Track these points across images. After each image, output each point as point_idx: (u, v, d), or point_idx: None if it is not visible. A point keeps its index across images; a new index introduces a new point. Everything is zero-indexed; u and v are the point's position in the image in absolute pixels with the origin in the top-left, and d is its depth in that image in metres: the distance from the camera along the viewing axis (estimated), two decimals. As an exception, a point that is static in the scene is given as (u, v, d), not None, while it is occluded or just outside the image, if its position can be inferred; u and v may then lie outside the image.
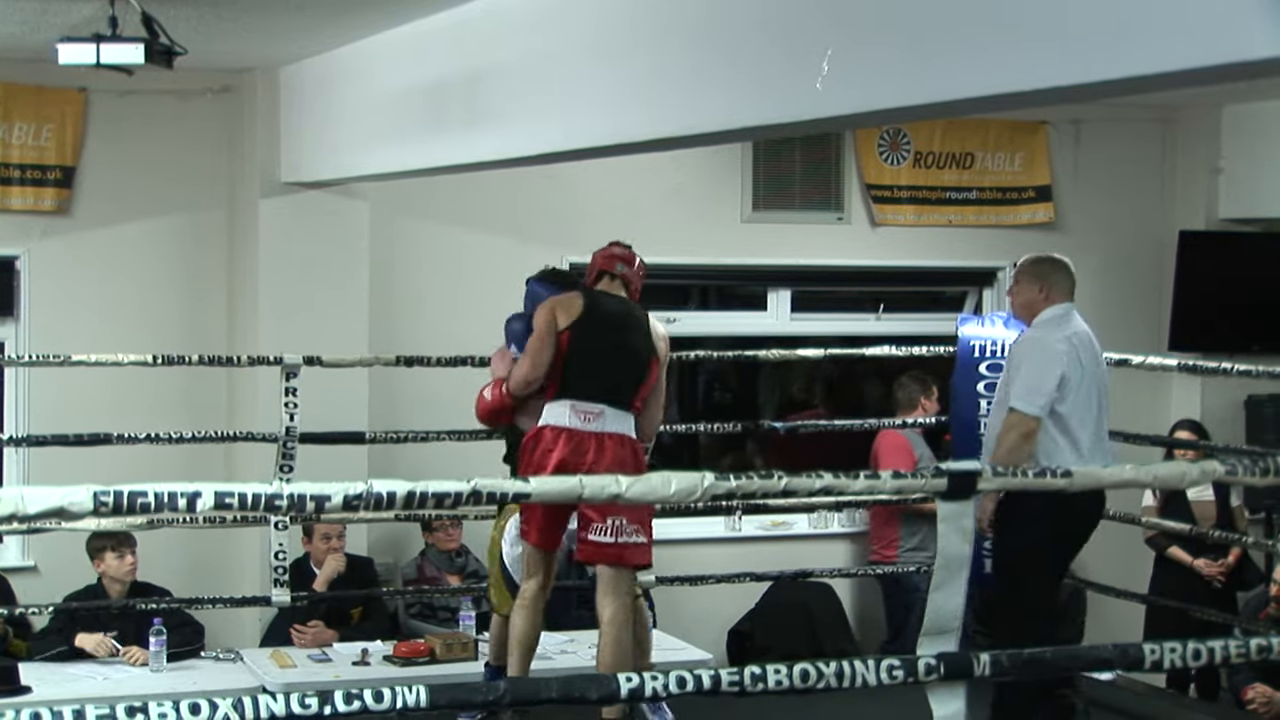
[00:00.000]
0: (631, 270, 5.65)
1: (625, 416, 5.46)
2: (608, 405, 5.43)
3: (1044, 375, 5.49)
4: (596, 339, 5.51)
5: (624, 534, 5.44)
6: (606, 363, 5.50)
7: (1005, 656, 2.52)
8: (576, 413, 5.42)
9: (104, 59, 5.32)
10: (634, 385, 5.51)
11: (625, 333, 5.55)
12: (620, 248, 5.72)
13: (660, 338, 5.60)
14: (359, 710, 2.39)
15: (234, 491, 2.35)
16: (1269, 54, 2.78)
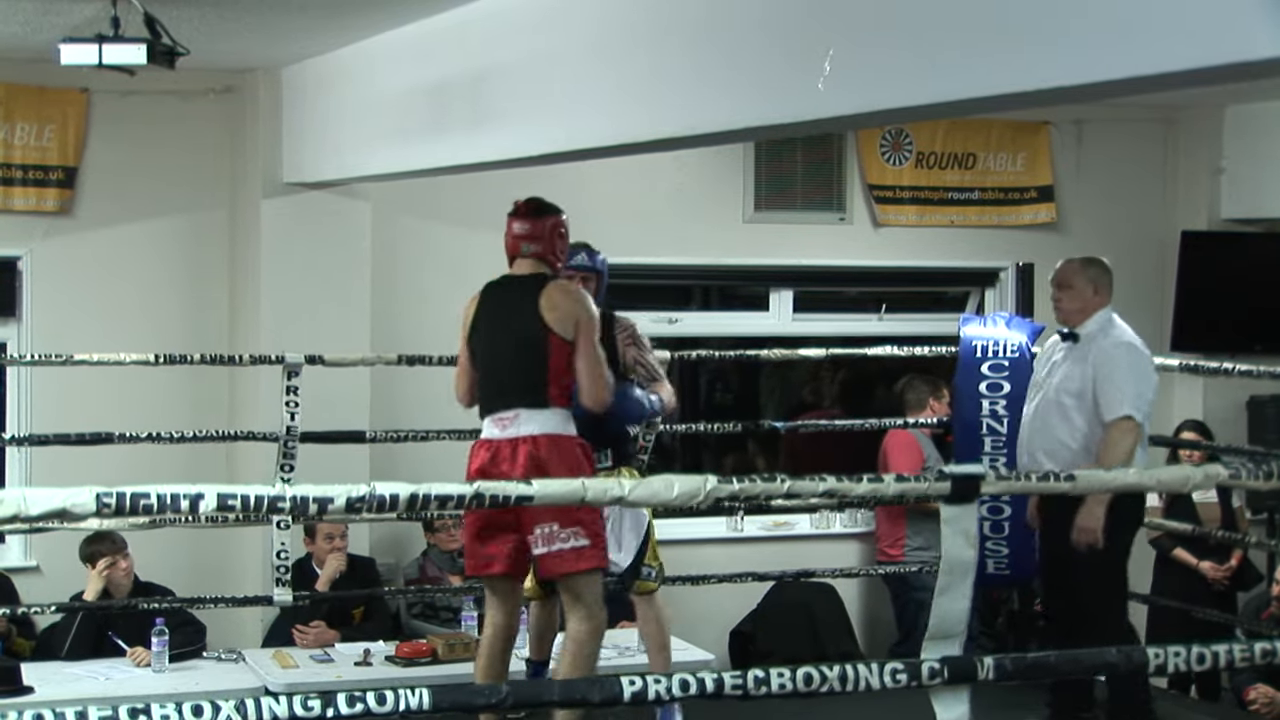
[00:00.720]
0: (542, 241, 5.25)
1: (545, 414, 5.09)
2: (521, 407, 5.11)
3: (1146, 380, 5.50)
4: (487, 340, 5.26)
5: (556, 541, 5.09)
6: (499, 363, 5.22)
7: (1009, 660, 2.52)
8: (495, 423, 5.17)
9: (106, 59, 5.32)
10: (537, 374, 5.10)
11: (509, 322, 5.20)
12: (521, 216, 5.29)
13: (555, 306, 5.12)
14: (362, 712, 2.39)
15: (236, 493, 2.36)
16: (1271, 54, 2.78)
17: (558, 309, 5.13)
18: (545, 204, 5.38)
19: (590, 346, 5.15)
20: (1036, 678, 2.87)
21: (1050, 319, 7.29)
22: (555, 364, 5.13)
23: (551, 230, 5.30)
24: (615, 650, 6.62)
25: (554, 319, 5.13)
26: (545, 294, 5.15)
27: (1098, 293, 5.66)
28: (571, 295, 5.19)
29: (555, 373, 5.14)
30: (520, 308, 5.17)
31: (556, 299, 5.15)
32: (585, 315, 5.16)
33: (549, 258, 5.29)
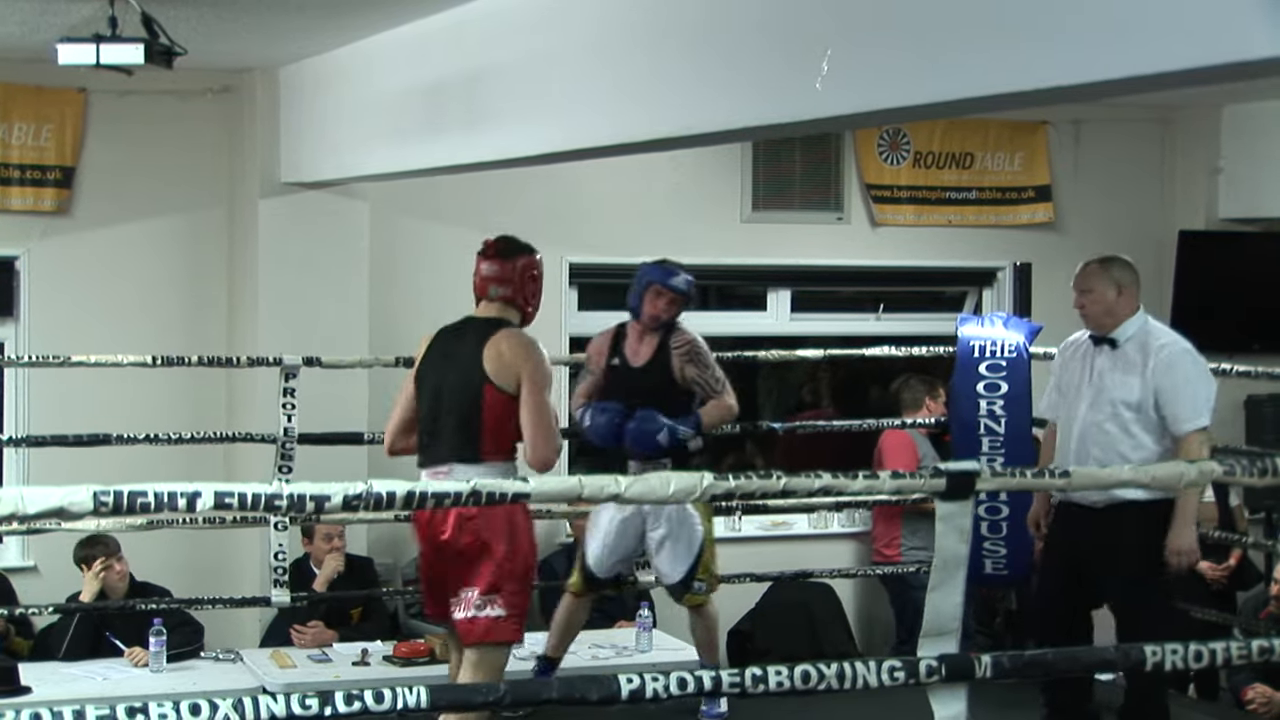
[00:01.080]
0: (511, 284, 4.97)
1: (479, 469, 4.76)
2: (455, 462, 4.84)
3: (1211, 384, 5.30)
4: (429, 386, 4.98)
5: (473, 606, 4.82)
6: (437, 412, 4.93)
7: (1006, 658, 2.52)
8: (430, 476, 4.88)
9: (104, 59, 5.31)
10: (471, 428, 4.82)
11: (451, 369, 4.91)
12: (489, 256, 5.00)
13: (499, 355, 4.83)
14: (359, 711, 2.40)
15: (234, 491, 2.35)
16: (1268, 54, 2.78)
17: (500, 359, 4.83)
18: (517, 243, 5.08)
19: (534, 400, 4.80)
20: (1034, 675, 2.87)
21: (1048, 318, 7.32)
22: (490, 417, 4.82)
23: (522, 272, 4.99)
24: (613, 650, 6.63)
25: (494, 369, 4.83)
26: (491, 342, 4.85)
27: (1122, 293, 5.36)
28: (517, 346, 4.85)
29: (491, 427, 4.82)
30: (464, 355, 4.88)
31: (501, 348, 4.84)
32: (531, 366, 4.82)
33: (518, 301, 5.00)
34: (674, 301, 5.76)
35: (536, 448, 4.79)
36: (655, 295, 5.75)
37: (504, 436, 4.87)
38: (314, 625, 6.67)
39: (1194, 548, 5.23)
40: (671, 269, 5.80)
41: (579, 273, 8.07)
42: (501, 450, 4.87)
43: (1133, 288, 5.39)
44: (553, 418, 4.88)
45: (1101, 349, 5.39)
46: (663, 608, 7.26)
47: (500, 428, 4.84)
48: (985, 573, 6.80)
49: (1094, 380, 5.37)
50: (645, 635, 6.64)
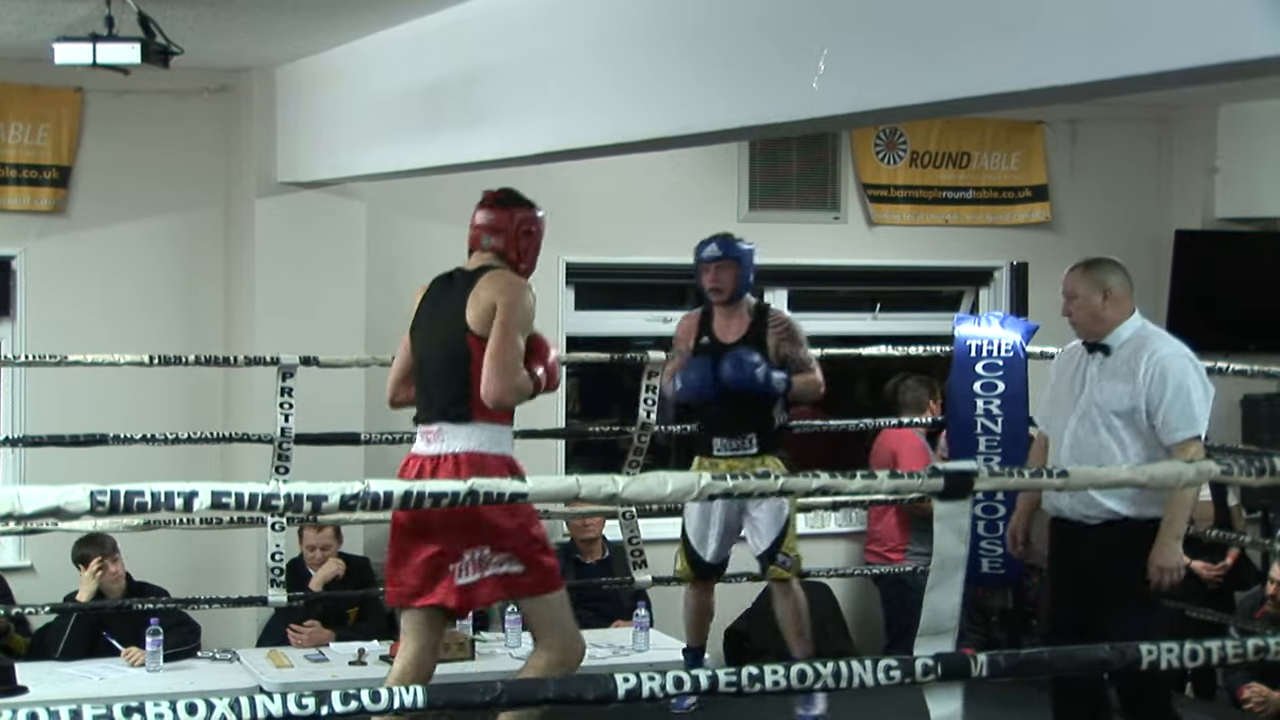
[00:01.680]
0: (504, 234, 4.74)
1: (468, 429, 4.59)
2: (443, 421, 4.63)
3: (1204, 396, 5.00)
4: (420, 342, 4.79)
5: (489, 566, 4.62)
6: (426, 369, 4.74)
7: (1002, 657, 2.52)
8: (421, 436, 4.73)
9: (100, 59, 5.31)
10: (459, 384, 4.59)
11: (438, 322, 4.71)
12: (486, 205, 4.80)
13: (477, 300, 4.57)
14: (356, 710, 2.39)
15: (231, 491, 2.35)
16: (1265, 53, 2.78)
17: (479, 303, 4.57)
18: (517, 195, 4.86)
19: (503, 333, 4.53)
20: (1029, 674, 2.87)
21: (1045, 317, 7.32)
22: (477, 372, 4.57)
23: (519, 225, 4.77)
24: (610, 649, 6.63)
25: (475, 316, 4.58)
26: (475, 287, 4.60)
27: (1109, 297, 5.11)
28: (496, 283, 4.59)
29: (479, 383, 4.57)
30: (450, 306, 4.65)
31: (481, 293, 4.58)
32: (505, 301, 4.55)
33: (510, 255, 4.76)
34: (719, 269, 5.86)
35: (489, 380, 4.51)
36: (701, 272, 5.91)
37: None
38: (310, 625, 6.67)
39: (1178, 564, 4.97)
40: (706, 241, 5.92)
41: (576, 272, 8.07)
42: (494, 411, 4.60)
43: (1122, 291, 5.14)
44: (517, 356, 4.56)
45: (1095, 356, 5.18)
46: (659, 607, 7.26)
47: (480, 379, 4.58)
48: (982, 572, 6.81)
49: (1085, 388, 5.15)
50: (642, 635, 6.64)
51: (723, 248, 5.86)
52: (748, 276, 5.91)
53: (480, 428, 4.62)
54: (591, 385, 8.63)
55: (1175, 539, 4.96)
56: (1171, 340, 5.19)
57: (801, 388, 5.86)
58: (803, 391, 5.87)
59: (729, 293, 5.87)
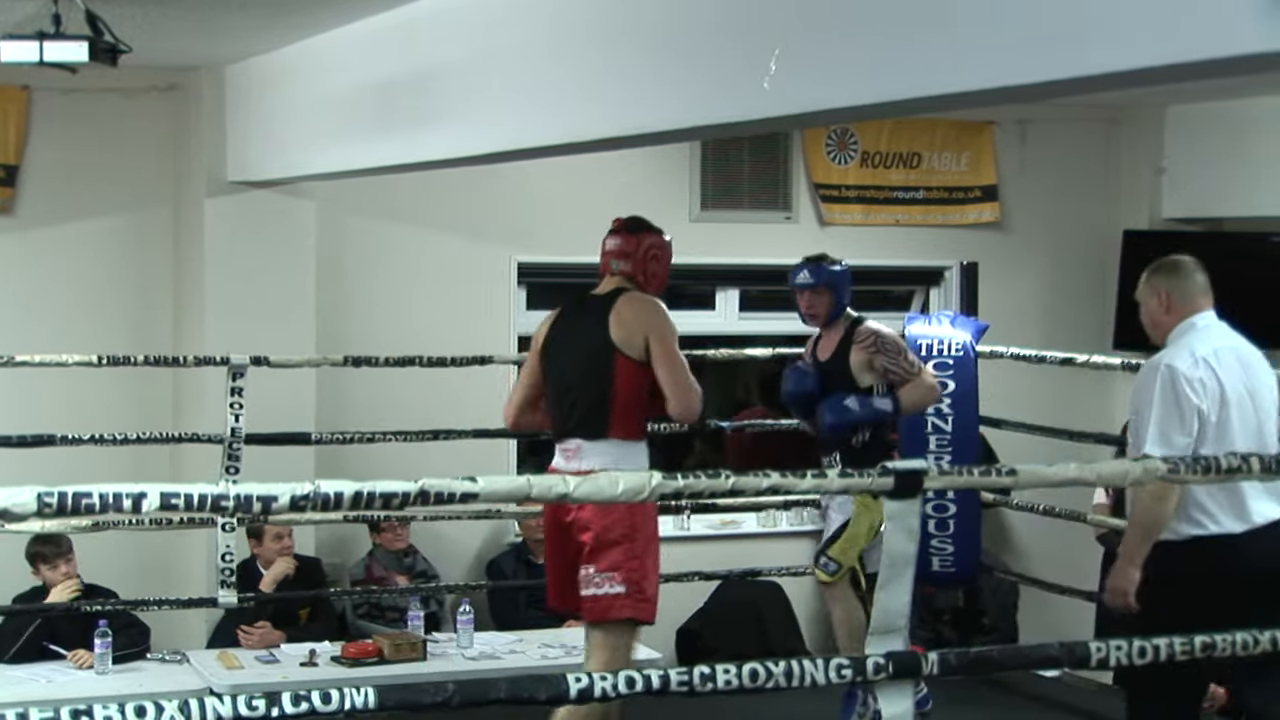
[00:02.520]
0: (633, 259, 5.00)
1: (605, 446, 4.78)
2: (581, 438, 4.82)
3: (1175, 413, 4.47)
4: (555, 362, 4.96)
5: (593, 584, 4.77)
6: (564, 387, 4.91)
7: (953, 655, 2.54)
8: (561, 452, 4.92)
9: (47, 57, 5.26)
10: (599, 403, 4.78)
11: (577, 343, 4.90)
12: (616, 233, 5.08)
13: (622, 321, 4.81)
14: (307, 711, 2.38)
15: (180, 492, 2.34)
16: (1212, 55, 2.80)
17: (624, 325, 4.80)
18: (644, 222, 5.17)
19: (668, 356, 4.79)
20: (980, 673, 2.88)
21: (994, 317, 7.37)
22: (622, 391, 4.79)
23: (646, 250, 5.03)
24: (563, 649, 6.63)
25: (621, 336, 4.80)
26: (614, 311, 4.83)
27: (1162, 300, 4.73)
28: (639, 306, 4.85)
29: (622, 401, 4.79)
30: (589, 328, 4.85)
31: (624, 314, 4.81)
32: (656, 323, 4.81)
33: (638, 278, 5.00)
34: (814, 294, 5.81)
35: (677, 398, 4.79)
36: (798, 297, 5.88)
37: (634, 412, 4.83)
38: (261, 626, 6.64)
39: (1126, 589, 4.58)
40: (800, 265, 5.87)
41: (528, 272, 8.07)
42: (630, 428, 4.81)
43: (1178, 293, 4.70)
44: (688, 371, 4.86)
45: None
46: (612, 607, 7.26)
47: (631, 402, 4.80)
48: (932, 570, 6.83)
49: None
50: (594, 634, 6.63)
51: (814, 274, 5.81)
52: (842, 298, 5.84)
53: (616, 444, 4.80)
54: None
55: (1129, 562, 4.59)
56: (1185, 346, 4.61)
57: (911, 399, 5.66)
58: (913, 402, 5.69)
59: (823, 317, 5.85)
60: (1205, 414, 4.48)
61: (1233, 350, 4.61)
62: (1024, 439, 7.18)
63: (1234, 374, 4.56)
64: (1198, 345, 4.58)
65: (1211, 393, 4.50)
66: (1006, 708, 6.32)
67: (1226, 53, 2.78)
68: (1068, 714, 6.34)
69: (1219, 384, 4.52)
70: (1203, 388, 4.49)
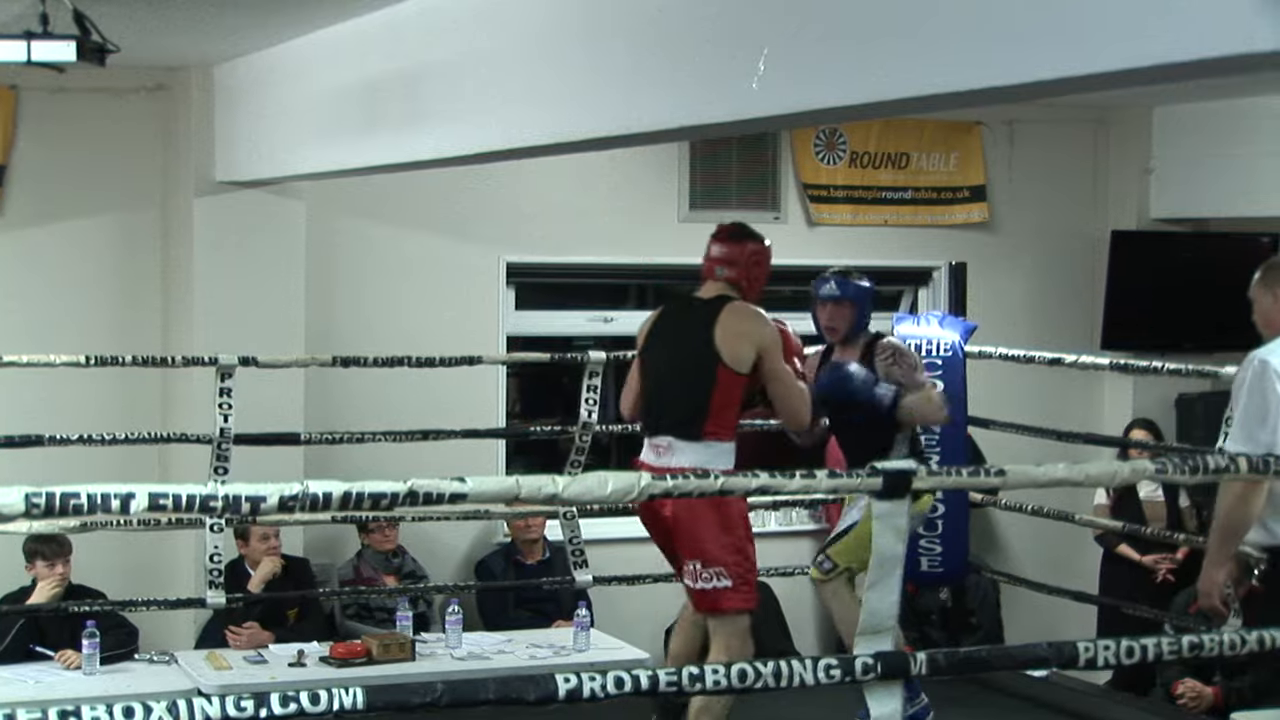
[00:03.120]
0: (737, 266, 5.15)
1: (697, 447, 4.93)
2: (674, 437, 4.97)
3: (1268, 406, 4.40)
4: (655, 359, 5.15)
5: (700, 579, 4.98)
6: (661, 385, 5.09)
7: (941, 655, 2.54)
8: (651, 447, 5.08)
9: (35, 56, 5.25)
10: (696, 405, 4.94)
11: (680, 344, 5.06)
12: (720, 239, 5.21)
13: (731, 333, 4.97)
14: (295, 712, 2.38)
15: (168, 493, 2.33)
16: (1201, 55, 2.81)
17: (731, 337, 4.96)
18: (748, 230, 5.30)
19: (778, 368, 5.01)
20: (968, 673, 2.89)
21: (982, 317, 7.38)
22: (720, 397, 4.95)
23: (750, 257, 5.18)
24: (551, 650, 6.63)
25: (727, 348, 4.96)
26: (720, 321, 4.98)
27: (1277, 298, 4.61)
28: (746, 320, 5.01)
29: (718, 406, 4.95)
30: (693, 331, 5.02)
31: (732, 325, 4.97)
32: (766, 339, 5.00)
33: (741, 284, 5.16)
34: (836, 307, 5.69)
35: (791, 411, 5.05)
36: (817, 308, 5.77)
37: (727, 417, 4.98)
38: (249, 626, 6.63)
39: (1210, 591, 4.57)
40: (825, 278, 5.77)
41: (516, 272, 8.06)
42: (722, 431, 4.97)
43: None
44: (796, 382, 5.08)
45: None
46: (600, 607, 7.27)
47: (725, 408, 4.97)
48: (920, 570, 6.84)
49: None
50: (583, 634, 6.64)
51: (841, 287, 5.69)
52: (864, 316, 5.73)
53: (708, 446, 4.95)
54: (532, 385, 8.63)
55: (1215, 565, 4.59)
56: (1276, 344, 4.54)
57: (914, 405, 5.55)
58: (916, 408, 5.55)
59: (843, 332, 5.70)
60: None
61: None
62: (1012, 439, 7.20)
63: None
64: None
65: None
66: (995, 708, 6.32)
67: (1213, 53, 2.79)
68: (1055, 714, 6.34)
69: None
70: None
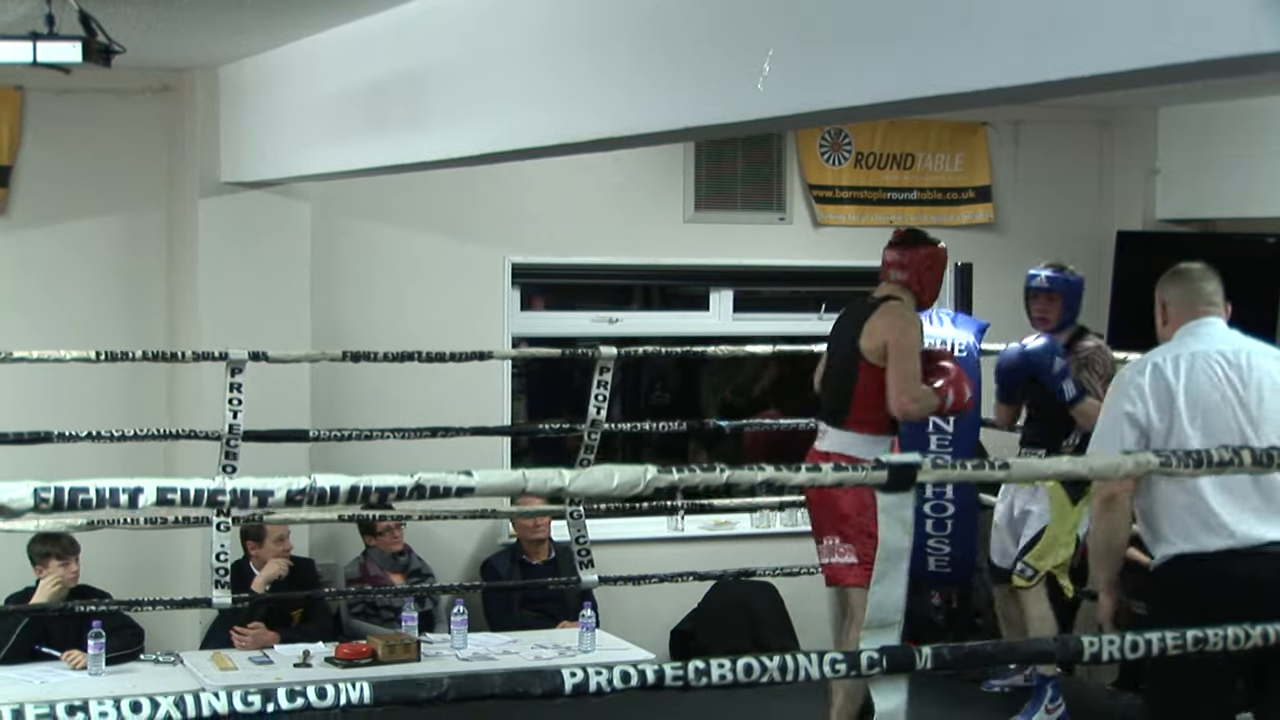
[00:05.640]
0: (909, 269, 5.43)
1: (841, 435, 5.31)
2: (825, 423, 5.41)
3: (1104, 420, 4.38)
4: (828, 354, 5.58)
5: (834, 554, 5.35)
6: (828, 377, 5.52)
7: (947, 650, 2.54)
8: (819, 432, 5.49)
9: (41, 57, 5.26)
10: (842, 396, 5.33)
11: (839, 339, 5.46)
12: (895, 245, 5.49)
13: (872, 330, 5.28)
14: (302, 707, 2.38)
15: (176, 487, 2.33)
16: (1204, 56, 2.81)
17: (872, 335, 5.27)
18: (921, 235, 5.60)
19: (895, 359, 5.23)
20: (973, 667, 2.89)
21: (989, 317, 7.35)
22: (861, 388, 5.27)
23: (922, 260, 5.45)
24: (556, 650, 6.63)
25: (867, 344, 5.29)
26: (871, 317, 5.31)
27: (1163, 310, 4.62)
28: (888, 316, 5.28)
29: (860, 397, 5.27)
30: (850, 328, 5.38)
31: (875, 325, 5.28)
32: (895, 334, 5.25)
33: (914, 286, 5.44)
34: (1048, 299, 5.98)
35: (893, 397, 5.23)
36: (1030, 298, 6.07)
37: (872, 409, 5.27)
38: (255, 627, 6.64)
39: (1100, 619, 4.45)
40: (1040, 269, 6.04)
41: (522, 272, 8.07)
42: (868, 421, 5.28)
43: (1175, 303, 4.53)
44: (911, 376, 5.25)
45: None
46: (605, 607, 7.27)
47: (871, 401, 5.26)
48: (929, 570, 6.84)
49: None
50: (588, 635, 6.65)
51: (1050, 280, 5.97)
52: (1074, 307, 6.01)
53: (851, 436, 5.29)
54: (539, 386, 8.64)
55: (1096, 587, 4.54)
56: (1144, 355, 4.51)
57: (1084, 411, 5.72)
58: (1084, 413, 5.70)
59: (1053, 323, 6.00)
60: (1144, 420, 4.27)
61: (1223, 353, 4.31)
62: (1016, 439, 7.18)
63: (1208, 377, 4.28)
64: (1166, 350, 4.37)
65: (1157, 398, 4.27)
66: (993, 707, 6.33)
67: (1219, 54, 2.79)
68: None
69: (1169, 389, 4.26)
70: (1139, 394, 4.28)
